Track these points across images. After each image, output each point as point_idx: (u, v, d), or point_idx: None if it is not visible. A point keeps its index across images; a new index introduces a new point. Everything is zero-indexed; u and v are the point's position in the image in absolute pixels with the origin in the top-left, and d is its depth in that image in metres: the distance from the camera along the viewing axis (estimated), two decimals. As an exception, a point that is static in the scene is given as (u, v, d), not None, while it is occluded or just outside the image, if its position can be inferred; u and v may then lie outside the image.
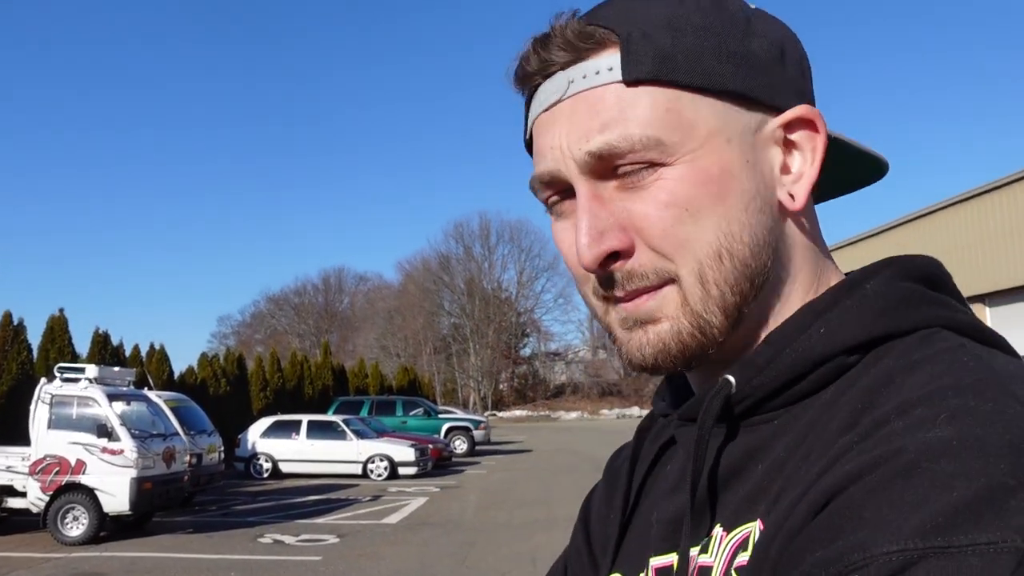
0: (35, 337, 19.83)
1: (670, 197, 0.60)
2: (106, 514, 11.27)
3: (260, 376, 29.55)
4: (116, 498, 11.24)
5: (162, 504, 12.19)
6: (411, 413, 26.69)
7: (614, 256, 0.61)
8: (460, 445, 25.93)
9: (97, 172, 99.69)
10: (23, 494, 11.54)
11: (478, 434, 26.89)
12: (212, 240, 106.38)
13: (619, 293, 0.62)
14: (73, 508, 11.23)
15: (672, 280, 0.61)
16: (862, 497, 0.47)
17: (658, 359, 0.62)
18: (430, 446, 21.03)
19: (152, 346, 25.34)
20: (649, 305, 0.62)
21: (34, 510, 11.45)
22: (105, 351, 21.59)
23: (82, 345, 21.35)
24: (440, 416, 27.35)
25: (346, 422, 20.68)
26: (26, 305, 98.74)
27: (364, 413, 25.18)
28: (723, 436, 0.63)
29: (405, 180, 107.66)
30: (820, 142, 0.62)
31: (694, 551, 0.60)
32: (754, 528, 0.56)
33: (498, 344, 69.40)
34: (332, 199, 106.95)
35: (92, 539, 11.10)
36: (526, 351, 76.84)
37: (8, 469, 11.59)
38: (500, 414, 62.66)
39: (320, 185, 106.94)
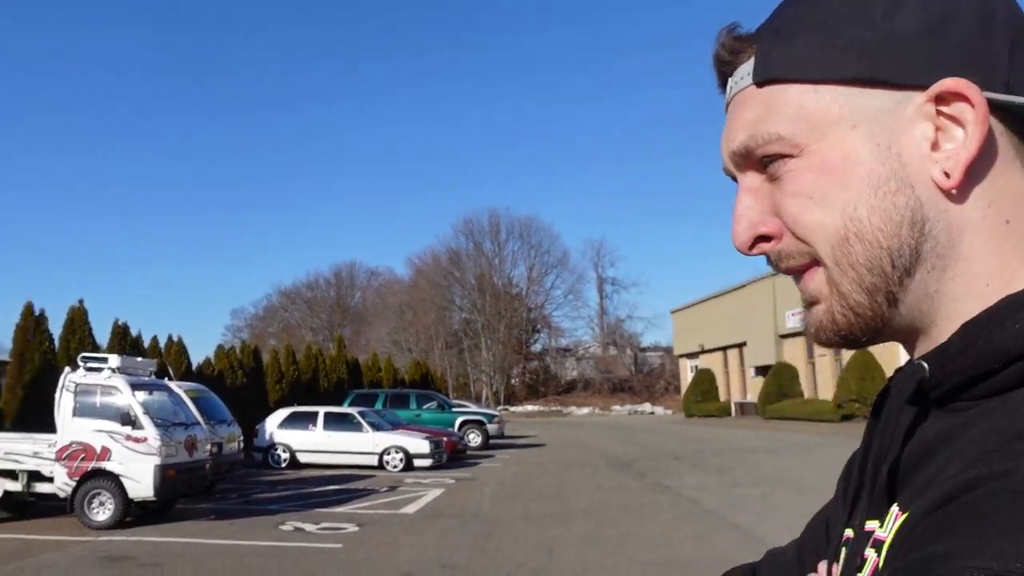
0: (56, 327, 20.11)
1: (796, 187, 0.65)
2: (131, 500, 11.51)
3: (276, 368, 29.82)
4: (140, 484, 11.48)
5: (185, 491, 12.42)
6: (425, 406, 26.88)
7: (767, 239, 0.68)
8: (474, 438, 26.11)
9: (113, 164, 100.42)
10: (50, 479, 11.79)
11: (492, 428, 27.05)
12: (224, 234, 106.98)
13: (782, 267, 0.69)
14: (99, 494, 11.47)
15: (817, 262, 0.66)
16: (965, 508, 0.49)
17: (825, 337, 0.68)
18: (445, 439, 21.20)
19: (170, 337, 25.64)
20: (810, 287, 0.67)
21: (61, 495, 11.69)
22: (124, 342, 21.86)
23: (102, 336, 21.63)
24: (454, 410, 27.53)
25: (362, 414, 20.89)
26: (47, 296, 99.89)
27: (379, 406, 25.38)
28: (915, 418, 0.65)
29: (415, 174, 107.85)
30: (977, 115, 0.59)
31: (873, 524, 0.64)
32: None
33: (509, 339, 69.65)
34: (342, 192, 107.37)
35: (118, 524, 11.33)
36: (537, 347, 77.16)
37: (35, 455, 11.83)
38: (512, 409, 62.93)
39: (329, 178, 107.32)
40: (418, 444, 19.95)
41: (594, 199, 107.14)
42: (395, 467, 19.59)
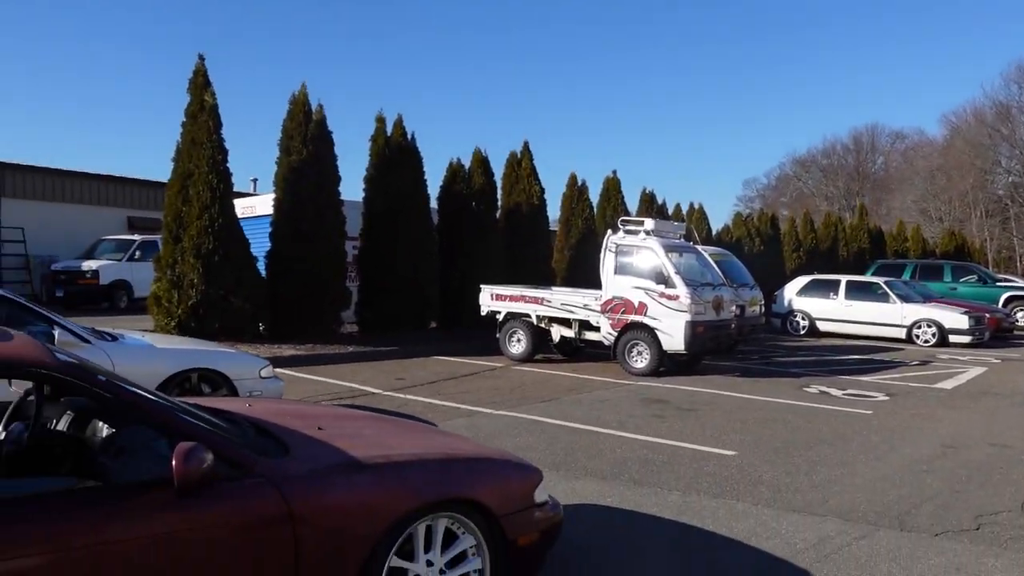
0: (594, 195, 22.29)
1: None
2: (664, 352, 12.50)
3: (793, 237, 29.44)
4: (673, 338, 12.37)
5: (712, 348, 13.07)
6: (962, 280, 24.25)
7: None
8: (1022, 317, 22.96)
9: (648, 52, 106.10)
10: (596, 329, 13.33)
11: (1047, 306, 23.47)
12: (737, 104, 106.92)
13: None
14: (637, 344, 12.66)
15: None
16: None
17: None
18: (987, 315, 18.98)
19: (691, 205, 26.82)
20: None
21: (605, 343, 13.17)
22: (652, 208, 23.43)
23: (632, 203, 23.44)
24: (998, 284, 24.41)
25: (888, 284, 19.64)
26: (587, 168, 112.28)
27: (906, 277, 23.59)
28: None
29: (949, 16, 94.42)
30: None
31: None
32: None
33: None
34: (859, 43, 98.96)
35: (653, 372, 12.44)
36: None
37: (585, 307, 13.42)
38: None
39: (847, 28, 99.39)
40: (955, 319, 18.19)
41: None
42: (926, 342, 18.19)
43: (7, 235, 24.51)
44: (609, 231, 13.71)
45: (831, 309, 20.01)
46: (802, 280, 21.28)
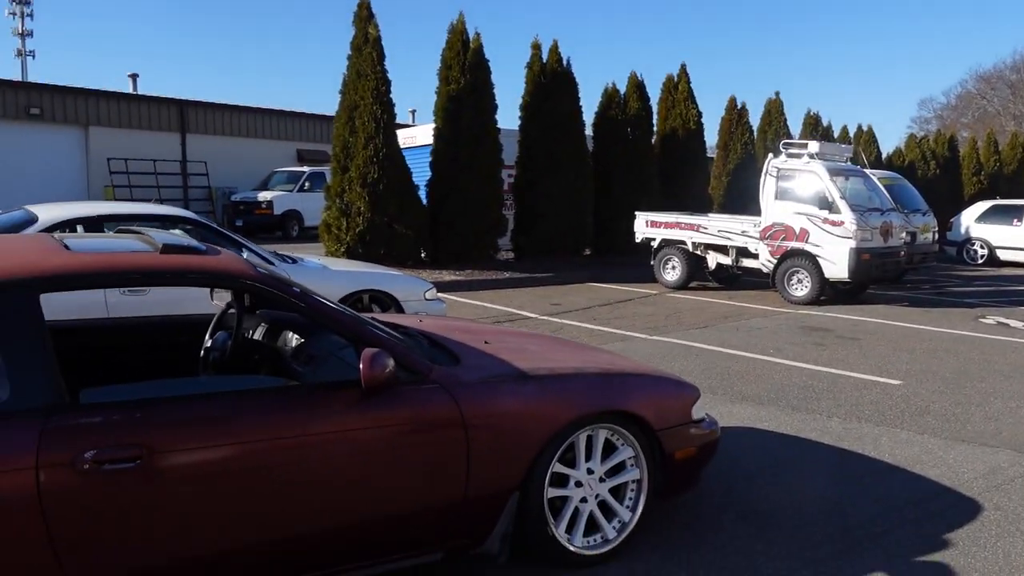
0: (755, 119, 21.48)
1: None
2: (826, 280, 12.10)
3: (973, 159, 27.37)
4: (836, 265, 11.94)
5: (877, 276, 12.52)
6: None
7: None
8: None
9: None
10: (755, 256, 13.04)
11: None
12: (913, 16, 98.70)
13: None
14: (797, 271, 12.31)
15: None
16: None
17: None
18: None
19: (860, 127, 25.38)
20: None
21: (764, 270, 12.88)
22: (816, 131, 22.37)
23: (795, 126, 22.45)
24: None
25: (1082, 209, 18.04)
26: (746, 92, 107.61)
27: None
28: None
29: None
30: None
31: None
32: None
33: None
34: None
35: (813, 301, 12.09)
36: None
37: (743, 234, 13.13)
38: None
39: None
40: None
41: None
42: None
43: (192, 168, 26.43)
44: (770, 155, 13.27)
45: (1014, 237, 18.62)
46: (982, 206, 19.85)
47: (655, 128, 18.93)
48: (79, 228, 6.07)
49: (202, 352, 3.90)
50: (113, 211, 6.59)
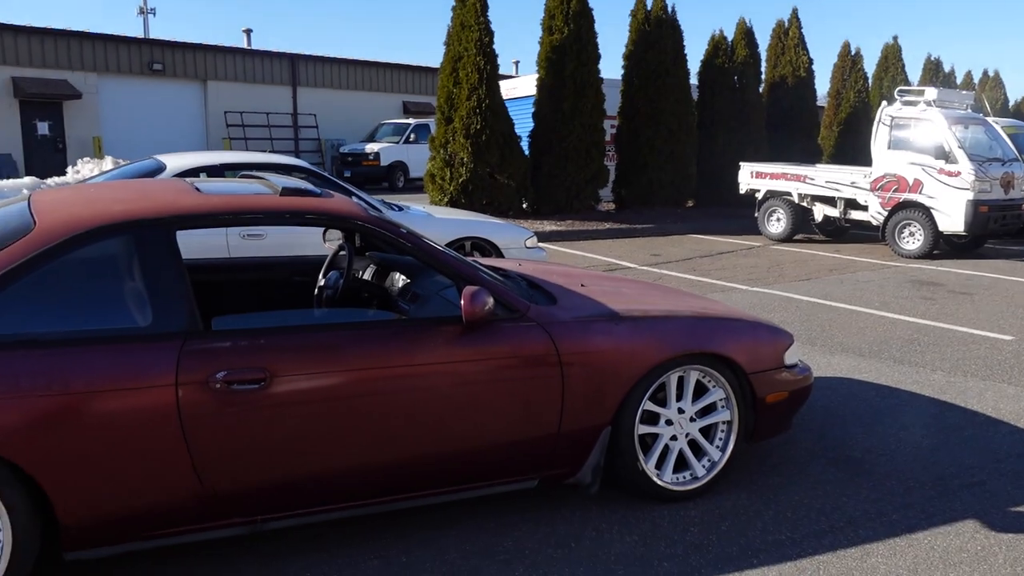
0: (870, 66, 20.57)
1: None
2: (940, 233, 11.66)
3: (1113, 106, 25.50)
4: (951, 218, 11.49)
5: (997, 230, 11.96)
6: None
7: None
8: None
9: None
10: (864, 208, 12.64)
11: None
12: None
13: None
14: (909, 224, 11.89)
15: None
16: None
17: None
18: None
19: (985, 72, 23.99)
20: None
21: (873, 223, 12.49)
22: (936, 78, 21.29)
23: (913, 73, 21.39)
24: None
25: None
26: (861, 38, 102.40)
27: None
28: None
29: None
30: None
31: None
32: None
33: None
34: None
35: (926, 255, 11.69)
36: None
37: (852, 185, 12.74)
38: None
39: None
40: None
41: None
42: None
43: (303, 121, 27.24)
44: (884, 103, 12.76)
45: None
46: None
47: (763, 76, 18.39)
48: (202, 175, 6.49)
49: (316, 290, 4.18)
50: (233, 160, 6.99)
